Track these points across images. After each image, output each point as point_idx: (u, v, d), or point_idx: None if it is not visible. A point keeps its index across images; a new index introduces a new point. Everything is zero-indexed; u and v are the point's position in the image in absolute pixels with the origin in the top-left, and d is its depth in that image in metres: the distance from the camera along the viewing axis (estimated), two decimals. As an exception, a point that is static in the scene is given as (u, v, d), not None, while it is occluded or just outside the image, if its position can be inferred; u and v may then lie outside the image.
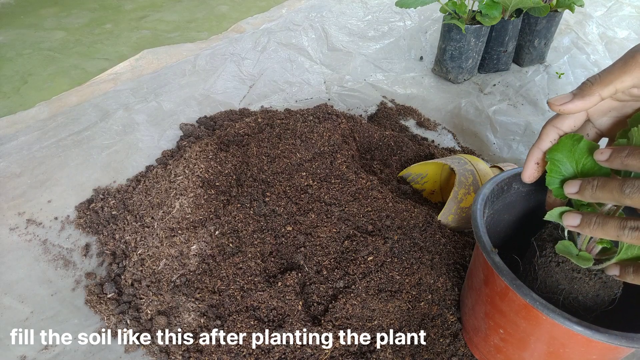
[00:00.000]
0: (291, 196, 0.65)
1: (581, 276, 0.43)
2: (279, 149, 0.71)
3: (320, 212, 0.62)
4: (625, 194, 0.33)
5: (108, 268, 0.63)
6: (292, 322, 0.52)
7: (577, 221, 0.37)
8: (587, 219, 0.36)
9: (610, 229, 0.34)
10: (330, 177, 0.66)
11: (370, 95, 1.06)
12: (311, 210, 0.63)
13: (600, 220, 0.35)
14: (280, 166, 0.69)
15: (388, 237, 0.60)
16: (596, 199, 0.35)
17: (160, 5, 2.13)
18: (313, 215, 0.62)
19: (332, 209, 0.63)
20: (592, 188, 0.35)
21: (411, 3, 0.99)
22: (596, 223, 0.35)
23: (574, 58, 1.21)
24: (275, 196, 0.65)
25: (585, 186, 0.36)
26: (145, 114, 0.88)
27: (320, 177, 0.67)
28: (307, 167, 0.68)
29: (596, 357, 0.42)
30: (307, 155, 0.70)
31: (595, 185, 0.35)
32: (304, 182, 0.66)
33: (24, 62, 1.65)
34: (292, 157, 0.69)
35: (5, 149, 0.76)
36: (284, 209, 0.63)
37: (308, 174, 0.67)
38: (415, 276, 0.56)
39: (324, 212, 0.63)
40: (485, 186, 0.50)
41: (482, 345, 0.50)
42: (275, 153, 0.70)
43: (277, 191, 0.65)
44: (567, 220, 0.38)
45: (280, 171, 0.68)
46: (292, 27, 1.16)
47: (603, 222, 0.35)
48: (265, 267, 0.59)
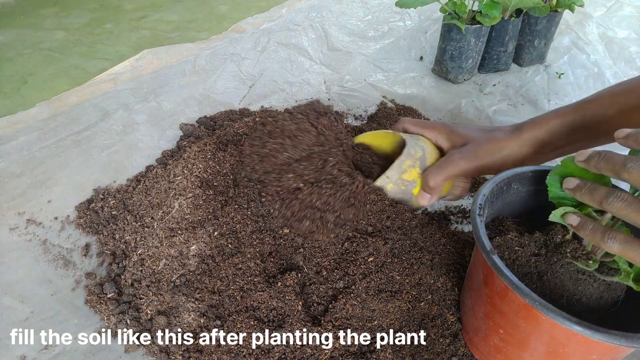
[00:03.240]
0: (284, 198, 0.64)
1: (586, 278, 0.43)
2: (267, 147, 0.70)
3: (314, 218, 0.62)
4: (626, 167, 0.35)
5: (108, 268, 0.63)
6: (292, 322, 0.52)
7: (575, 222, 0.41)
8: (584, 223, 0.40)
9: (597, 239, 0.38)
10: (321, 181, 0.64)
11: (370, 95, 1.06)
12: (305, 217, 0.62)
13: (596, 226, 0.39)
14: (269, 165, 0.68)
15: (388, 238, 0.60)
16: (598, 170, 0.38)
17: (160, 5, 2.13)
18: (308, 222, 0.61)
19: (327, 216, 0.62)
20: (599, 158, 0.38)
21: (411, 3, 0.99)
22: (591, 230, 0.39)
23: (574, 58, 1.21)
24: (270, 197, 0.65)
25: (593, 156, 0.38)
26: (145, 114, 0.88)
27: (310, 180, 0.64)
28: (294, 168, 0.65)
29: (596, 357, 0.42)
30: (294, 154, 0.68)
31: (601, 156, 0.38)
32: (292, 184, 0.64)
33: (24, 62, 1.65)
34: (278, 156, 0.67)
35: (5, 149, 0.76)
36: (279, 212, 0.63)
37: (296, 175, 0.64)
38: (416, 276, 0.56)
39: (318, 218, 0.62)
40: (485, 186, 0.50)
41: (482, 345, 0.50)
42: (264, 152, 0.70)
43: (270, 192, 0.65)
44: (567, 220, 0.42)
45: (270, 170, 0.67)
46: (292, 27, 1.16)
47: (595, 228, 0.39)
48: (264, 267, 0.59)
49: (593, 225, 0.39)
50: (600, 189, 0.38)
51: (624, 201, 0.35)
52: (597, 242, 0.38)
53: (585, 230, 0.39)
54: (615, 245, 0.36)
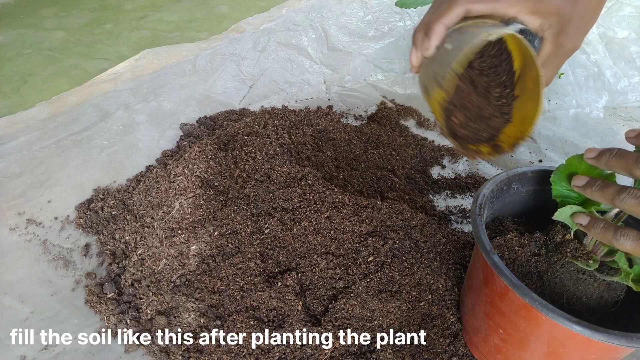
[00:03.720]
0: (279, 209, 0.64)
1: (586, 277, 0.43)
2: (263, 151, 0.72)
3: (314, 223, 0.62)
4: (638, 165, 0.34)
5: (108, 268, 0.63)
6: (292, 322, 0.52)
7: (585, 221, 0.40)
8: (594, 222, 0.39)
9: (609, 237, 0.37)
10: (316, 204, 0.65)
11: (370, 95, 1.06)
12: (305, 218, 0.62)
13: (607, 225, 0.38)
14: (263, 170, 0.69)
15: (388, 238, 0.60)
16: (609, 167, 0.37)
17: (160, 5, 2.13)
18: (310, 237, 0.61)
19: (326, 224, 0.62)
20: (610, 155, 0.37)
21: (411, 3, 0.99)
22: (603, 228, 0.38)
23: (574, 58, 1.21)
24: (268, 197, 0.65)
25: (604, 152, 0.37)
26: (145, 114, 0.88)
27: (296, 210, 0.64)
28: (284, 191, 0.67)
29: (596, 357, 0.42)
30: None
31: (612, 153, 0.37)
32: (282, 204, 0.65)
33: (24, 62, 1.64)
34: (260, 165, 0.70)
35: (5, 149, 0.76)
36: (276, 218, 0.63)
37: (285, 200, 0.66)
38: (415, 276, 0.56)
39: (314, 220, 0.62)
40: (485, 186, 0.50)
41: (482, 345, 0.50)
42: (259, 156, 0.71)
43: (267, 198, 0.66)
44: (576, 219, 0.41)
45: (263, 179, 0.69)
46: (292, 27, 1.16)
47: (607, 226, 0.38)
48: (264, 267, 0.59)
49: (604, 224, 0.38)
50: (612, 186, 0.37)
51: (637, 198, 0.35)
52: (609, 240, 0.37)
53: (596, 229, 0.39)
54: (628, 243, 0.35)
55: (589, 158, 0.39)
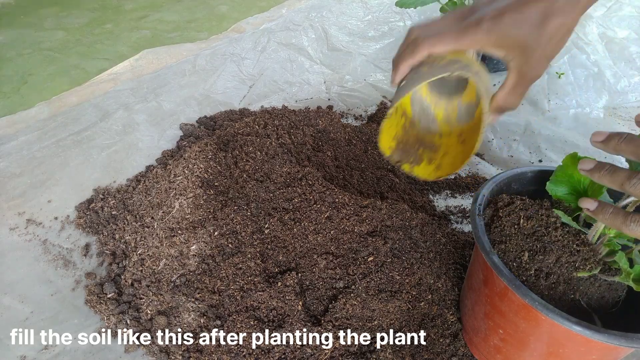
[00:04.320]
0: (279, 209, 0.65)
1: (587, 278, 0.43)
2: (263, 151, 0.72)
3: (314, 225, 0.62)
4: (630, 182, 0.33)
5: (108, 268, 0.63)
6: (292, 322, 0.52)
7: (593, 206, 0.38)
8: (603, 207, 0.37)
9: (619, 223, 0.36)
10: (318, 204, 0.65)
11: (370, 95, 1.06)
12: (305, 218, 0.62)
13: (616, 210, 0.36)
14: (263, 170, 0.70)
15: (388, 238, 0.60)
16: (618, 151, 0.36)
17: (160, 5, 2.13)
18: (311, 237, 0.61)
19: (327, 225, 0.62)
20: (619, 139, 0.35)
21: (411, 3, 0.98)
22: (612, 214, 0.36)
23: (574, 58, 1.21)
24: (268, 197, 0.65)
25: (613, 136, 0.36)
26: (145, 114, 0.88)
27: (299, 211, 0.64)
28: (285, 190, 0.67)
29: (596, 357, 0.42)
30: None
31: (622, 137, 0.35)
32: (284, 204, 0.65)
33: (24, 62, 1.65)
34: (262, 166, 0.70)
35: (5, 149, 0.76)
36: (276, 218, 0.63)
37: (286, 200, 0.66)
38: (415, 276, 0.56)
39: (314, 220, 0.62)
40: (485, 186, 0.50)
41: (482, 345, 0.50)
42: (260, 156, 0.71)
43: (267, 198, 0.66)
44: (583, 204, 0.39)
45: (263, 179, 0.69)
46: (292, 27, 1.16)
47: (616, 212, 0.36)
48: (264, 267, 0.59)
49: (613, 209, 0.37)
50: (622, 171, 0.35)
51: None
52: (619, 226, 0.36)
53: (604, 214, 0.37)
54: (639, 229, 0.34)
55: (597, 142, 0.37)
